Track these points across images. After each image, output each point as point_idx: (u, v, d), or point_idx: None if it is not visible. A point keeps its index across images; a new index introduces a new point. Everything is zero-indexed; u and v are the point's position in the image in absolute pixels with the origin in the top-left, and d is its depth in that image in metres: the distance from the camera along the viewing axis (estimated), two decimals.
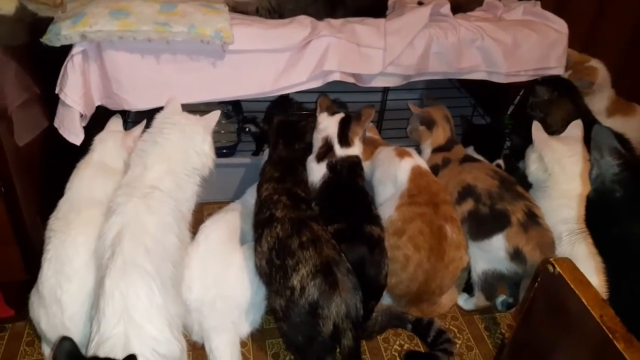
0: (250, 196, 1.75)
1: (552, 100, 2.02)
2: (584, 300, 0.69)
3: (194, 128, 1.54)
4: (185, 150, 1.50)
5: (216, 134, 1.69)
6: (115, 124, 1.66)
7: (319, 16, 1.80)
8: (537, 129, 1.77)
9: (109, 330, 1.11)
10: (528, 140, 1.79)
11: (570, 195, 1.62)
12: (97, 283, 1.22)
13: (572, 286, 0.71)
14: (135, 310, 1.13)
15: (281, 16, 1.83)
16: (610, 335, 0.66)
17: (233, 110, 2.37)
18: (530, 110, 2.09)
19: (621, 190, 0.79)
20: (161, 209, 1.33)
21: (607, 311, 0.68)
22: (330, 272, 1.30)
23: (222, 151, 2.08)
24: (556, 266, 0.74)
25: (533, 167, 1.79)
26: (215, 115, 1.59)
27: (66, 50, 1.52)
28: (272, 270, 1.38)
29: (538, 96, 2.05)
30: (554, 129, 1.89)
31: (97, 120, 1.67)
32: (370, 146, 1.84)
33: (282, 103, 1.97)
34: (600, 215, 0.84)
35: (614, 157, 0.79)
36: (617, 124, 2.16)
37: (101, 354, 1.08)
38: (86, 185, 1.47)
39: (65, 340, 1.02)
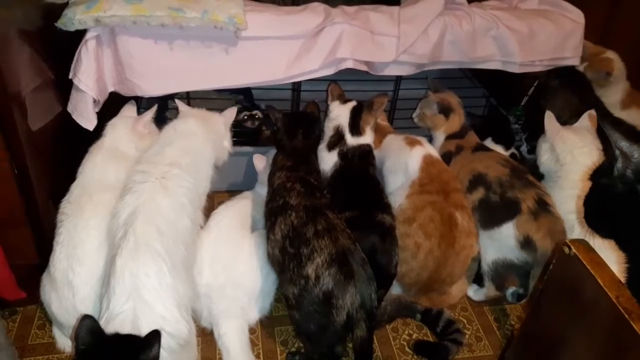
0: (261, 185, 1.76)
1: (555, 89, 2.00)
2: (600, 281, 0.68)
3: (217, 126, 1.63)
4: (209, 144, 1.56)
5: None
6: (129, 110, 1.67)
7: (333, 3, 1.79)
8: (549, 119, 1.75)
9: (118, 307, 1.12)
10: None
11: (581, 186, 1.60)
12: (109, 261, 1.23)
13: (588, 267, 0.70)
14: (145, 289, 1.14)
15: (295, 3, 1.82)
16: (626, 316, 0.65)
17: (244, 99, 2.38)
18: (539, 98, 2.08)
19: None
20: (177, 190, 1.34)
21: (624, 292, 0.67)
22: (346, 262, 1.29)
23: (233, 139, 2.09)
24: (572, 247, 0.73)
25: (545, 157, 1.78)
26: (233, 111, 1.69)
27: (80, 35, 1.53)
28: (285, 258, 1.36)
29: (544, 86, 2.04)
30: (562, 120, 1.86)
31: (112, 106, 1.68)
32: (378, 134, 1.83)
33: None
34: (633, 207, 0.80)
35: (639, 145, 0.76)
36: (632, 116, 2.13)
37: (110, 330, 1.09)
38: (98, 169, 1.48)
39: (86, 317, 1.03)
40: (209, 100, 2.11)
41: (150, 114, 1.61)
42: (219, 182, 1.87)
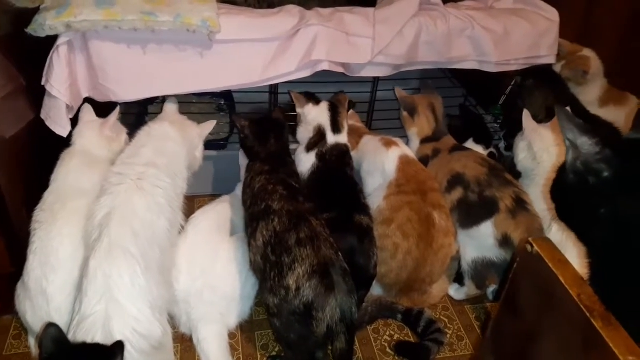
0: (240, 190, 1.74)
1: (530, 89, 2.02)
2: (562, 279, 0.68)
3: (192, 134, 1.64)
4: (184, 148, 1.55)
5: None
6: (87, 113, 1.63)
7: (310, 6, 1.78)
8: (527, 117, 1.76)
9: (90, 309, 1.11)
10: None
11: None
12: (83, 264, 1.22)
13: (550, 265, 0.70)
14: (118, 290, 1.13)
15: (270, 6, 1.81)
16: (588, 314, 0.65)
17: (225, 103, 2.37)
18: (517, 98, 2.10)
19: (608, 168, 0.77)
20: (154, 190, 1.34)
21: (586, 290, 0.67)
22: (327, 274, 1.27)
23: (220, 143, 2.09)
24: (534, 245, 0.73)
25: (522, 155, 1.79)
26: (211, 124, 1.71)
27: (52, 40, 1.51)
28: (267, 266, 1.34)
29: (519, 85, 2.06)
30: (539, 118, 1.87)
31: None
32: (355, 135, 1.84)
33: None
34: (585, 199, 0.82)
35: (589, 137, 0.78)
36: (610, 113, 2.15)
37: (81, 332, 1.09)
38: (72, 176, 1.46)
39: (51, 326, 1.02)
40: (190, 104, 2.11)
41: (114, 116, 1.58)
42: (200, 186, 1.87)
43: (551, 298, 0.72)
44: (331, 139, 1.69)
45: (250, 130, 1.65)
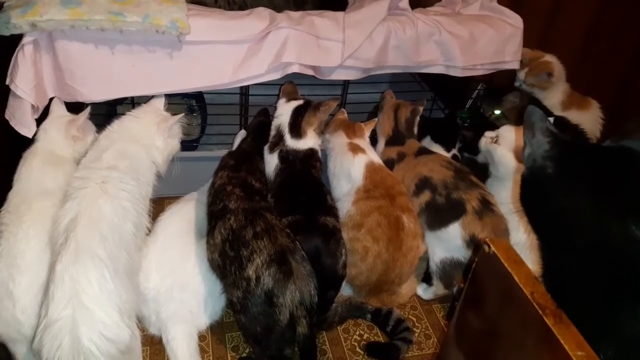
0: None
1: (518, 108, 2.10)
2: (516, 278, 0.71)
3: (146, 125, 1.56)
4: (138, 144, 1.50)
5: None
6: (58, 108, 1.59)
7: (281, 9, 1.79)
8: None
9: (57, 314, 1.10)
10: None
11: None
12: (50, 269, 1.21)
13: (505, 265, 0.73)
14: (85, 294, 1.12)
15: (241, 8, 1.82)
16: (540, 312, 0.68)
17: (196, 104, 2.36)
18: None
19: (552, 166, 0.83)
20: (119, 194, 1.32)
21: (538, 288, 0.70)
22: (285, 261, 1.31)
23: (191, 144, 2.08)
24: (491, 246, 0.76)
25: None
26: (174, 117, 1.60)
27: (18, 39, 1.48)
28: (226, 262, 1.37)
29: (507, 104, 2.14)
30: None
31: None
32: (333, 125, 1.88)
33: None
34: (533, 193, 0.88)
35: (545, 136, 0.83)
36: (572, 117, 2.22)
37: (48, 337, 1.08)
38: (35, 176, 1.43)
39: None
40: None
41: (82, 117, 1.55)
42: (170, 188, 1.85)
43: (507, 296, 0.75)
44: (289, 142, 1.66)
45: (251, 127, 1.71)
